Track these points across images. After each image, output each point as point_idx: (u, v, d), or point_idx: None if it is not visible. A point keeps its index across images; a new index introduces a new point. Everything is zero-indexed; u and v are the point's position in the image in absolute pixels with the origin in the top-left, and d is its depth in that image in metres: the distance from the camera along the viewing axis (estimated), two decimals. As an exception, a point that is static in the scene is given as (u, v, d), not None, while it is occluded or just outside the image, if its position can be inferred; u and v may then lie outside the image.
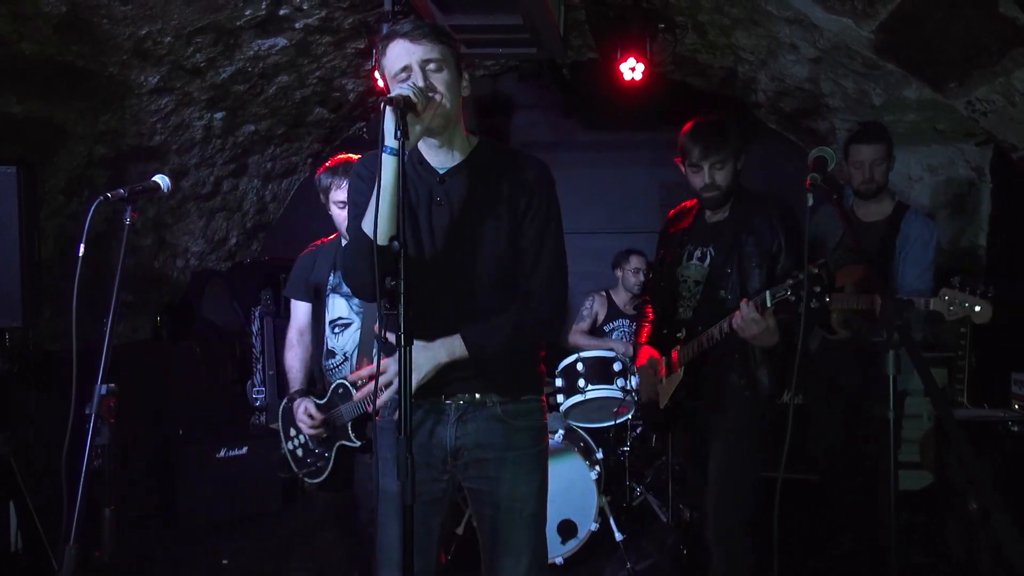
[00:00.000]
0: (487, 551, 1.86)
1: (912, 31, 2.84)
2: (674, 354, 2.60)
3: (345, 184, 2.47)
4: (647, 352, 2.74)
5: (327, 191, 2.61)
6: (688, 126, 2.59)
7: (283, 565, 3.54)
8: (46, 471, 2.88)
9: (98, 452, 1.77)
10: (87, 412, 1.78)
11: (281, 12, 3.41)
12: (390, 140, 1.57)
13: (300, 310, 2.77)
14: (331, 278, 2.68)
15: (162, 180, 2.11)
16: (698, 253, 2.64)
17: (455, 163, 1.81)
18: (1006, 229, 3.79)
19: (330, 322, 2.66)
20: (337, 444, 2.59)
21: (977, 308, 2.57)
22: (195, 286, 4.47)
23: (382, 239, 1.59)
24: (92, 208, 1.87)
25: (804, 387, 3.33)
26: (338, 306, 2.65)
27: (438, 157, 1.81)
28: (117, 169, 3.64)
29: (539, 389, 1.93)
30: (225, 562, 3.53)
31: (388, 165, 1.59)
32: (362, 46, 3.97)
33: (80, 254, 1.87)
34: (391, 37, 1.73)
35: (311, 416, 2.57)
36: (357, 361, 2.60)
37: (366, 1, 3.60)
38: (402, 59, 1.69)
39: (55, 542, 2.66)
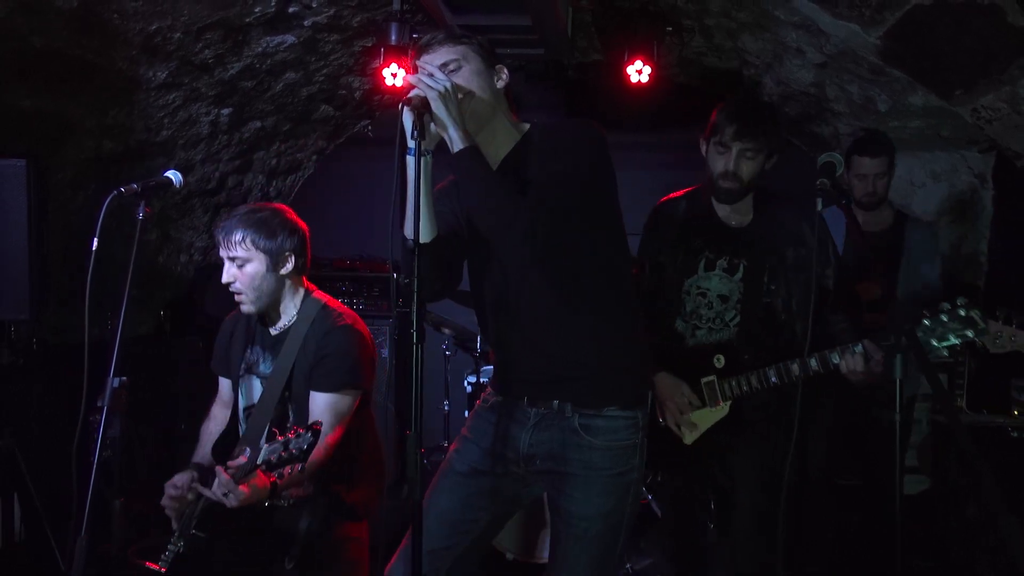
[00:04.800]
0: (551, 557, 1.82)
1: (919, 38, 2.86)
2: (708, 383, 2.25)
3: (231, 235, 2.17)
4: (667, 378, 2.28)
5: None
6: (729, 102, 2.29)
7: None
8: (51, 464, 2.88)
9: (108, 443, 1.78)
10: (99, 404, 1.78)
11: (290, 10, 3.42)
12: (411, 141, 1.59)
13: (223, 385, 2.40)
14: (248, 354, 2.29)
15: (174, 176, 2.12)
16: (723, 263, 2.27)
17: (503, 156, 1.78)
18: (1007, 236, 3.82)
19: (244, 410, 2.29)
20: (189, 532, 2.12)
21: None
22: (200, 281, 4.48)
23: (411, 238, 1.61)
24: (106, 203, 1.88)
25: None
26: (254, 390, 2.28)
27: (487, 153, 1.73)
28: (124, 164, 3.65)
29: (628, 401, 1.76)
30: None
31: (412, 166, 1.61)
32: (369, 44, 3.98)
33: (94, 248, 1.88)
34: (415, 56, 1.75)
35: (175, 487, 2.12)
36: (237, 449, 2.18)
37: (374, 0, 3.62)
38: (426, 69, 1.71)
39: (59, 535, 2.67)
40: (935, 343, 1.95)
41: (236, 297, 2.19)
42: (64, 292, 3.42)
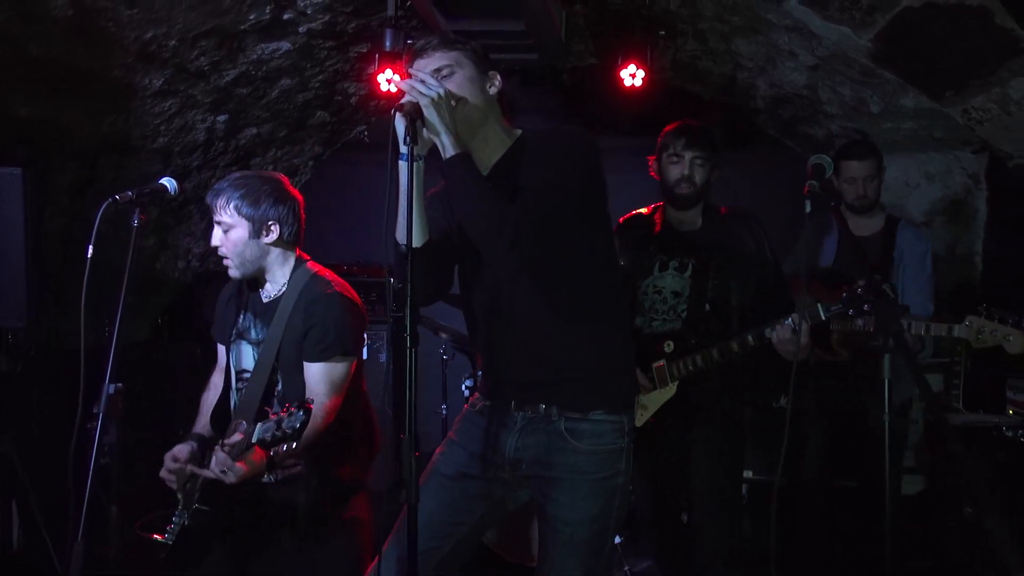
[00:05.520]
0: (539, 561, 1.84)
1: (909, 40, 2.88)
2: (659, 367, 2.51)
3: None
4: None
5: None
6: (672, 125, 2.65)
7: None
8: (48, 470, 2.89)
9: (106, 450, 1.79)
10: (95, 411, 1.79)
11: (285, 16, 3.43)
12: (403, 147, 1.60)
13: (221, 352, 2.40)
14: (240, 320, 2.30)
15: (169, 183, 2.13)
16: (675, 263, 2.58)
17: (494, 161, 1.79)
18: (1001, 236, 3.83)
19: (235, 374, 2.30)
20: (192, 507, 2.15)
21: (1010, 338, 2.40)
22: (198, 287, 4.49)
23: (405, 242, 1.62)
24: (101, 210, 1.89)
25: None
26: (244, 355, 2.28)
27: (478, 160, 1.75)
28: (121, 170, 3.66)
29: (616, 406, 1.78)
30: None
31: (404, 171, 1.62)
32: (364, 50, 4.00)
33: (89, 255, 1.89)
34: (408, 60, 1.77)
35: (175, 459, 2.14)
36: (233, 422, 2.20)
37: (369, 6, 3.63)
38: (418, 75, 1.71)
39: (57, 540, 2.68)
40: (851, 312, 2.17)
41: (223, 261, 2.21)
42: (63, 298, 3.43)
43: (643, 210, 2.76)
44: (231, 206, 2.16)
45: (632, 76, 3.79)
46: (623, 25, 3.81)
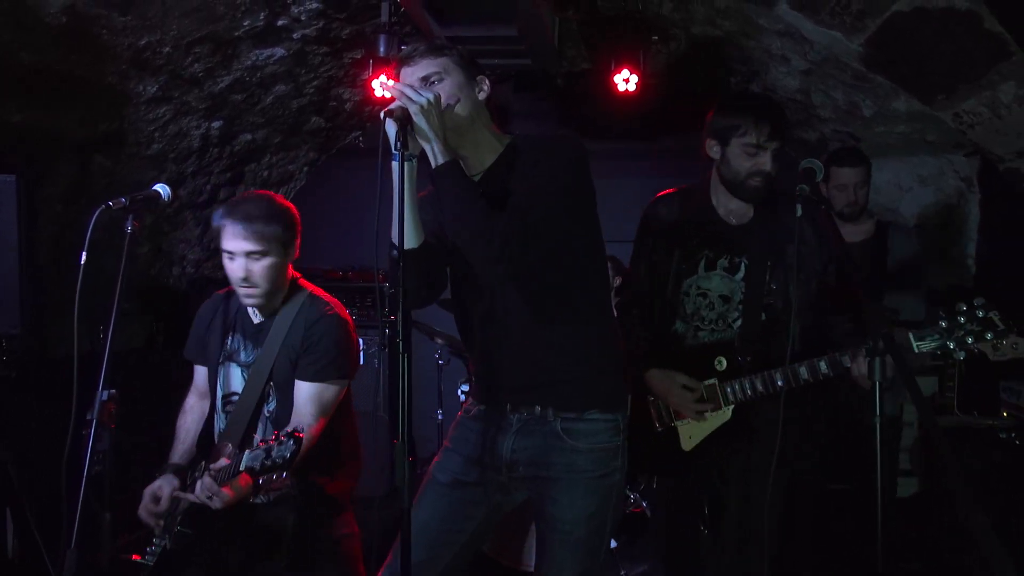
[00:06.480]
0: (538, 562, 1.85)
1: (900, 44, 2.90)
2: (710, 386, 2.19)
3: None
4: (656, 373, 2.21)
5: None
6: (738, 99, 2.25)
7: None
8: (43, 476, 2.88)
9: (99, 457, 1.79)
10: (88, 418, 1.79)
11: (279, 23, 3.44)
12: (395, 151, 1.61)
13: (199, 374, 2.35)
14: (228, 342, 2.24)
15: (162, 189, 2.12)
16: (724, 262, 2.21)
17: (486, 167, 1.80)
18: (994, 239, 3.85)
19: (222, 398, 2.24)
20: (176, 530, 2.15)
21: None
22: (193, 293, 4.49)
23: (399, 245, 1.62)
24: (94, 217, 1.89)
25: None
26: (233, 378, 2.23)
27: (469, 165, 1.77)
28: (115, 177, 3.66)
29: (610, 405, 1.79)
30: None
31: (397, 173, 1.63)
32: (358, 56, 4.01)
33: (82, 262, 1.89)
34: (397, 67, 1.78)
35: (156, 500, 2.13)
36: (218, 445, 2.18)
37: (363, 12, 3.64)
38: (407, 82, 1.73)
39: (52, 548, 2.67)
40: (952, 346, 1.92)
41: (246, 291, 2.11)
42: (58, 305, 3.43)
43: (671, 191, 2.35)
44: (267, 232, 2.06)
45: (625, 81, 3.80)
46: (615, 30, 3.83)
